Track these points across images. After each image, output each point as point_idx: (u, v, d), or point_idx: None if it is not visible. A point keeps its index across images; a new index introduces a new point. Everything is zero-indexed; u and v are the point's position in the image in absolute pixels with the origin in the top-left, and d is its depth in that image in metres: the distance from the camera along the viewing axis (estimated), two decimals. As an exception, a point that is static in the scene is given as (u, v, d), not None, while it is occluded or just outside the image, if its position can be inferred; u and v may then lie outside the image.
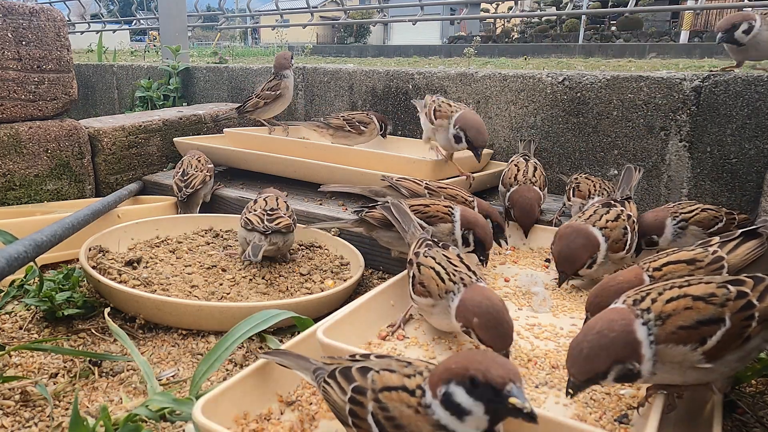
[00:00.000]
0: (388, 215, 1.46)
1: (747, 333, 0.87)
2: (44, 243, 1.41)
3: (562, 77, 2.07)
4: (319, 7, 3.99)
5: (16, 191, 2.04)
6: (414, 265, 1.21)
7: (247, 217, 1.60)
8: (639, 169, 1.73)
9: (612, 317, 0.89)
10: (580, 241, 1.40)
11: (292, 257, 1.68)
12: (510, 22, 18.03)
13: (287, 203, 1.71)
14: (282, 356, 0.97)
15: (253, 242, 1.54)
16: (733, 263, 1.16)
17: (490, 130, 2.25)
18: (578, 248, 1.40)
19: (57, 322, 1.37)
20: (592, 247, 1.40)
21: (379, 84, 2.54)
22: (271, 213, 1.60)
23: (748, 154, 1.78)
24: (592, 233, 1.41)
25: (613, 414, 0.96)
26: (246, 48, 12.29)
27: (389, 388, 0.77)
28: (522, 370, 1.09)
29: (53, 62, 2.11)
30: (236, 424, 0.92)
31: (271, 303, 1.32)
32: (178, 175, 2.03)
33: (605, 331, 0.87)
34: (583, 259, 1.40)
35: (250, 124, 2.64)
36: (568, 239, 1.42)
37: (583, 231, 1.41)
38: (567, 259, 1.41)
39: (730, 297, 0.88)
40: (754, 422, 1.05)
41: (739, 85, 1.76)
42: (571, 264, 1.41)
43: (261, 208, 1.63)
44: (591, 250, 1.40)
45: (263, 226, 1.55)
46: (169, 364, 1.24)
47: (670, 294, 0.90)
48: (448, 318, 1.12)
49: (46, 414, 1.04)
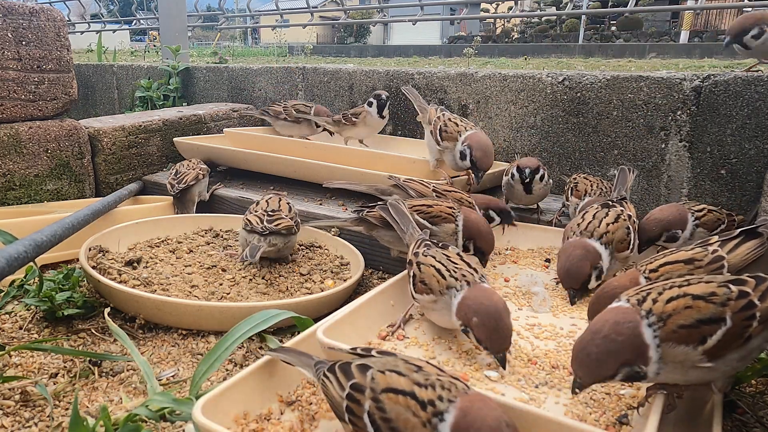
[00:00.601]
0: (386, 216, 1.46)
1: (748, 333, 0.87)
2: (44, 243, 1.41)
3: (562, 77, 2.07)
4: (319, 7, 3.99)
5: (16, 191, 2.04)
6: (414, 265, 1.21)
7: (248, 218, 1.60)
8: (632, 170, 1.73)
9: (618, 319, 0.89)
10: (579, 253, 1.36)
11: (292, 258, 1.69)
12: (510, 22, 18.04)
13: (290, 204, 1.71)
14: (286, 353, 0.98)
15: (252, 243, 1.54)
16: (734, 263, 1.16)
17: (490, 130, 2.25)
18: (579, 261, 1.35)
19: (57, 322, 1.37)
20: (593, 257, 1.36)
21: (379, 84, 2.54)
22: (271, 214, 1.60)
23: (748, 154, 1.78)
24: (589, 244, 1.37)
25: (613, 414, 0.96)
26: (246, 48, 12.30)
27: (395, 390, 0.76)
28: (522, 370, 1.09)
29: (53, 62, 2.11)
30: (236, 424, 0.92)
31: (271, 303, 1.32)
32: (171, 175, 2.08)
33: (613, 335, 0.87)
34: (585, 272, 1.35)
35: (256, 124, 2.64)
36: (566, 255, 1.39)
37: (581, 244, 1.38)
38: (569, 275, 1.36)
39: (731, 296, 0.88)
40: (754, 422, 1.05)
41: (739, 85, 1.76)
42: (575, 279, 1.36)
43: (262, 209, 1.63)
44: (592, 260, 1.35)
45: (262, 227, 1.55)
46: (169, 364, 1.24)
47: (670, 294, 0.90)
48: (449, 314, 1.13)
49: (46, 414, 1.04)
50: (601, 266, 1.36)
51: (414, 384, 0.76)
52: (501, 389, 1.03)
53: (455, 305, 1.11)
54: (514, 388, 1.03)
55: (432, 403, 0.74)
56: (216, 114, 2.73)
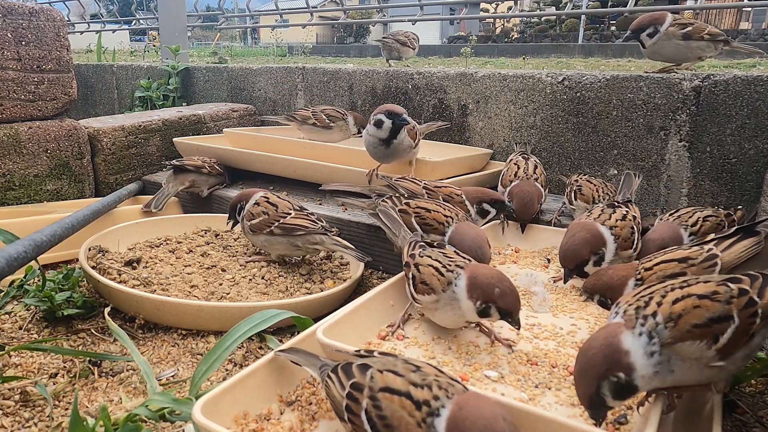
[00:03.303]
0: (378, 222, 1.48)
1: (752, 330, 0.87)
2: (44, 243, 1.41)
3: (561, 77, 2.07)
4: (318, 7, 3.98)
5: (16, 191, 2.04)
6: (412, 267, 1.21)
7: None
8: (638, 175, 1.74)
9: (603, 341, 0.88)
10: (582, 236, 1.36)
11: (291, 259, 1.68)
12: (510, 22, 18.03)
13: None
14: (294, 353, 0.99)
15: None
16: (727, 261, 1.16)
17: (490, 130, 2.25)
18: (580, 243, 1.35)
19: (57, 322, 1.37)
20: (596, 242, 1.35)
21: (378, 84, 2.54)
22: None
23: (747, 153, 1.78)
24: (597, 230, 1.37)
25: (613, 414, 0.96)
26: (245, 48, 12.29)
27: (391, 390, 0.77)
28: (522, 370, 1.09)
29: (53, 62, 2.11)
30: (236, 424, 0.92)
31: (270, 303, 1.32)
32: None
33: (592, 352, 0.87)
34: (583, 255, 1.35)
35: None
36: (571, 234, 1.38)
37: (589, 226, 1.38)
38: (567, 254, 1.36)
39: (733, 294, 0.88)
40: (754, 422, 1.05)
41: (739, 85, 1.76)
42: (572, 259, 1.36)
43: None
44: (594, 245, 1.35)
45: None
46: (169, 364, 1.23)
47: (673, 295, 0.90)
48: (453, 310, 1.13)
49: (46, 414, 1.04)
50: (602, 253, 1.36)
51: (410, 384, 0.77)
52: (501, 389, 1.03)
53: (463, 290, 1.11)
54: (514, 388, 1.03)
55: (427, 403, 0.74)
56: (216, 114, 2.73)
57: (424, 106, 2.42)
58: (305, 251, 1.61)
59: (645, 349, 0.85)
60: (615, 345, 0.86)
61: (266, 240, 1.60)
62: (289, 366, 1.03)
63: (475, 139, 2.30)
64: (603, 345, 0.86)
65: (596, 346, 0.87)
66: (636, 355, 0.85)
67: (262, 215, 1.60)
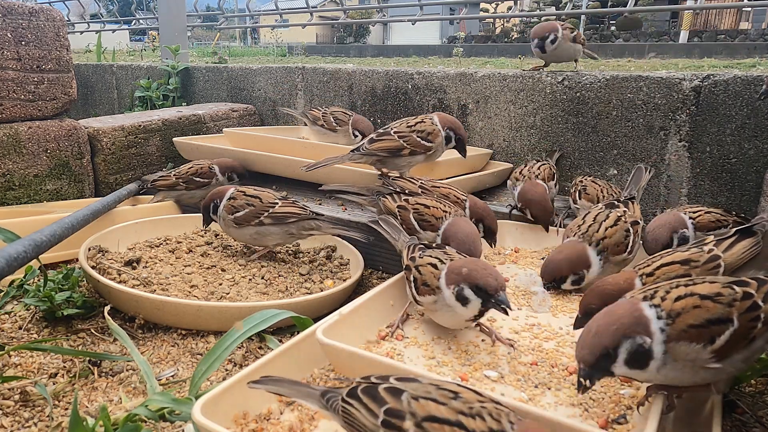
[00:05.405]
0: (378, 229, 1.49)
1: (753, 334, 0.87)
2: (44, 243, 1.41)
3: (561, 77, 2.07)
4: (318, 7, 3.98)
5: (16, 191, 2.04)
6: (413, 269, 1.22)
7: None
8: (650, 169, 1.74)
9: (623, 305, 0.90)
10: (566, 254, 1.40)
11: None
12: (509, 22, 18.01)
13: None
14: (275, 384, 0.87)
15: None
16: (730, 262, 1.16)
17: (490, 130, 2.25)
18: (560, 262, 1.40)
19: (56, 322, 1.37)
20: (575, 264, 1.39)
21: (378, 84, 2.54)
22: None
23: (747, 153, 1.78)
24: (582, 252, 1.40)
25: (613, 414, 0.96)
26: (245, 48, 12.28)
27: (438, 419, 0.70)
28: (522, 370, 1.09)
29: (53, 62, 2.10)
30: (236, 424, 0.92)
31: (270, 303, 1.32)
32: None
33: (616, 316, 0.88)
34: (561, 273, 1.40)
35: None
36: (557, 250, 1.43)
37: (574, 249, 1.41)
38: (546, 268, 1.42)
39: (736, 297, 0.88)
40: (754, 422, 1.05)
41: (739, 85, 1.76)
42: (550, 274, 1.41)
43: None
44: (574, 267, 1.39)
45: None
46: (169, 364, 1.23)
47: (677, 292, 0.90)
48: (448, 306, 1.13)
49: (46, 414, 1.04)
50: (582, 274, 1.40)
51: (459, 414, 0.70)
52: (501, 389, 1.03)
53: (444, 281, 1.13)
54: (514, 388, 1.04)
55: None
56: (215, 114, 2.73)
57: (423, 106, 2.41)
58: (299, 237, 1.64)
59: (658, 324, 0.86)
60: (640, 311, 0.87)
61: (257, 232, 1.60)
62: (288, 365, 1.03)
63: (475, 139, 2.30)
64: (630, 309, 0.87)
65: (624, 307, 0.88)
66: (654, 326, 0.86)
67: (246, 207, 1.60)
